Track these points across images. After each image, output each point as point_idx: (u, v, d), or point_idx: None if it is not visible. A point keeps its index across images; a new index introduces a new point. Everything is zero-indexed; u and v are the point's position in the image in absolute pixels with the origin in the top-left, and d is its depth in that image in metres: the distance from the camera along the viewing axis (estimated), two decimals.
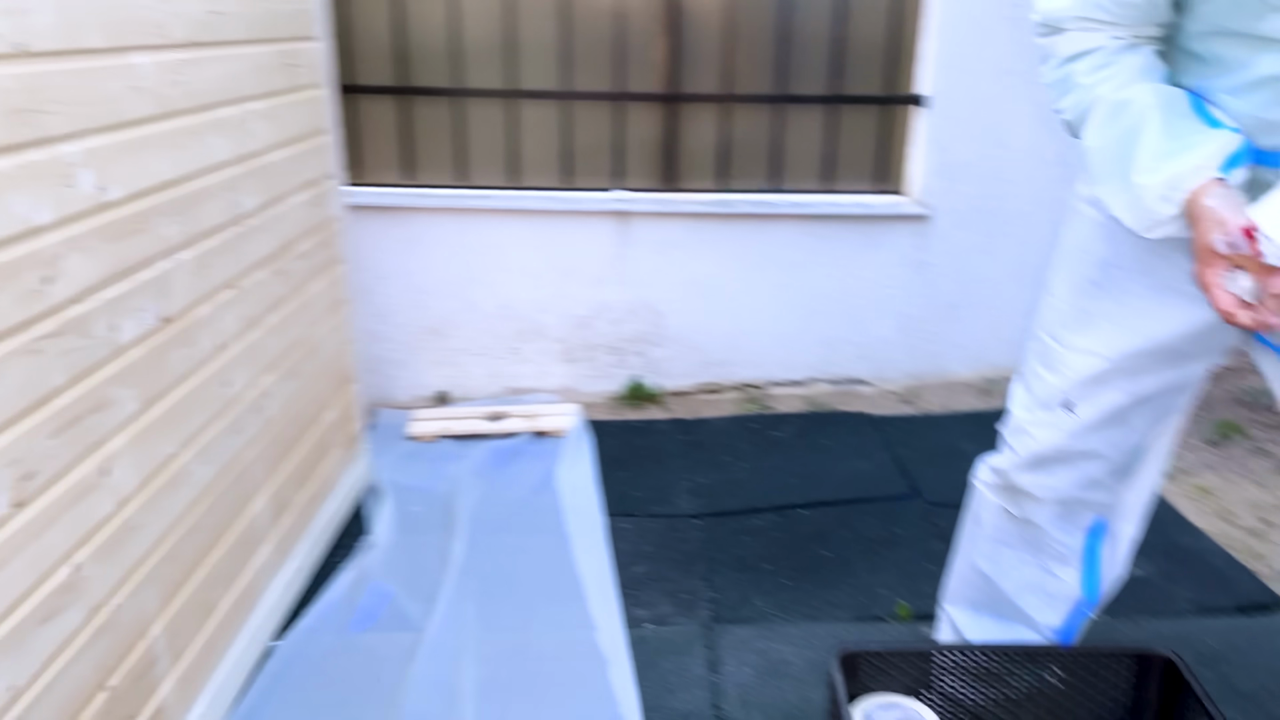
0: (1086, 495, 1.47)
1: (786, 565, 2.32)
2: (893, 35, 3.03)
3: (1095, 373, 1.37)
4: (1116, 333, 1.35)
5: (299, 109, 2.16)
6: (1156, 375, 1.36)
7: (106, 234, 1.38)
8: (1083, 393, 1.39)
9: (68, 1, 1.29)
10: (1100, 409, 1.39)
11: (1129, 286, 1.33)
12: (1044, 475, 1.47)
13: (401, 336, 3.14)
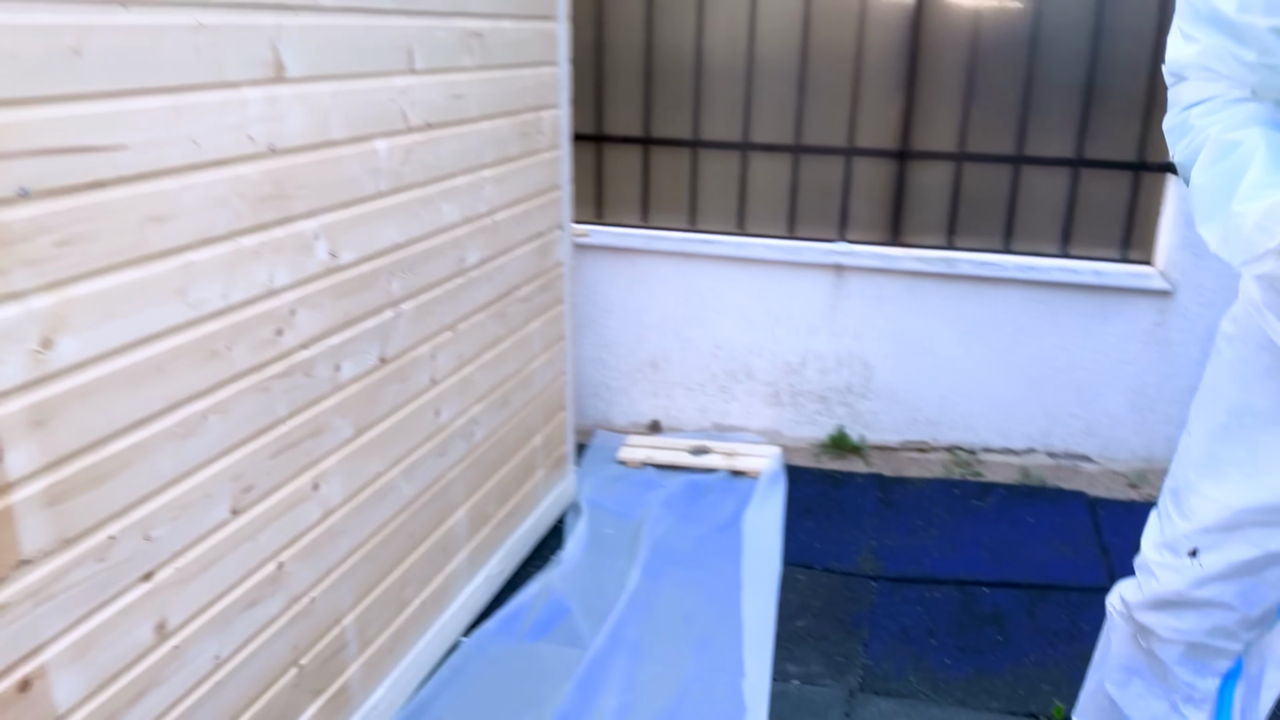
0: (1215, 642, 1.40)
1: (953, 643, 2.31)
2: (1150, 97, 2.87)
3: (1222, 522, 1.31)
4: (1246, 483, 1.29)
5: (533, 170, 2.43)
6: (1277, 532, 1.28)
7: (335, 292, 1.68)
8: (1209, 541, 1.33)
9: (317, 103, 1.59)
10: (1227, 560, 1.32)
11: (1261, 436, 1.26)
12: (1167, 616, 1.41)
13: (623, 366, 3.37)
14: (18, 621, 1.13)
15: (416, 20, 1.85)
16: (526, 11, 2.31)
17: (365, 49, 1.71)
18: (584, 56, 3.23)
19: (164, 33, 1.27)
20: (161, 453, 1.33)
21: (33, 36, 1.09)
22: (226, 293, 1.42)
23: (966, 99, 3.00)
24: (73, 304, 1.17)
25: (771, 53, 3.10)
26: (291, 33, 1.51)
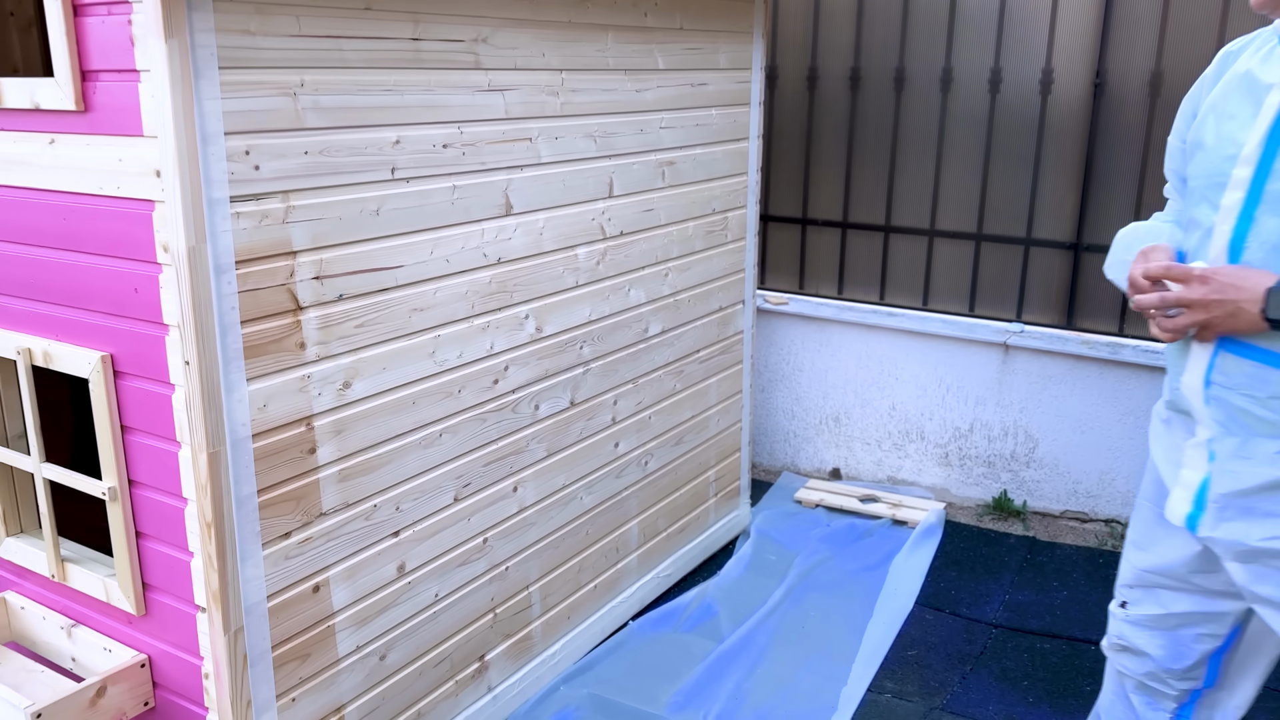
0: (1154, 685, 1.73)
1: (1043, 689, 2.63)
2: None
3: (1134, 580, 1.67)
4: (1142, 549, 1.64)
5: (718, 259, 3.04)
6: (1181, 596, 1.62)
7: (538, 355, 2.39)
8: (1132, 596, 1.69)
9: (534, 227, 2.31)
10: (1143, 614, 1.67)
11: (1145, 510, 1.62)
12: (1121, 656, 1.77)
13: (810, 418, 3.88)
14: (315, 549, 1.91)
15: (616, 160, 2.53)
16: (717, 139, 2.93)
17: (573, 185, 2.41)
18: (795, 149, 3.81)
19: (431, 194, 2.03)
20: (410, 456, 2.08)
21: (352, 205, 1.87)
22: (461, 354, 2.17)
23: (1140, 191, 3.25)
24: (363, 362, 1.94)
25: (959, 146, 3.51)
26: (518, 183, 2.24)
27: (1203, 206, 1.48)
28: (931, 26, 3.47)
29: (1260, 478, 1.42)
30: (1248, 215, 1.41)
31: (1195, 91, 1.61)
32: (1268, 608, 1.51)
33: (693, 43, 2.75)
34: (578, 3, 2.33)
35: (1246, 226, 1.41)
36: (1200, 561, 1.59)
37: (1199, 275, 1.40)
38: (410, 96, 1.96)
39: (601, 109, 2.45)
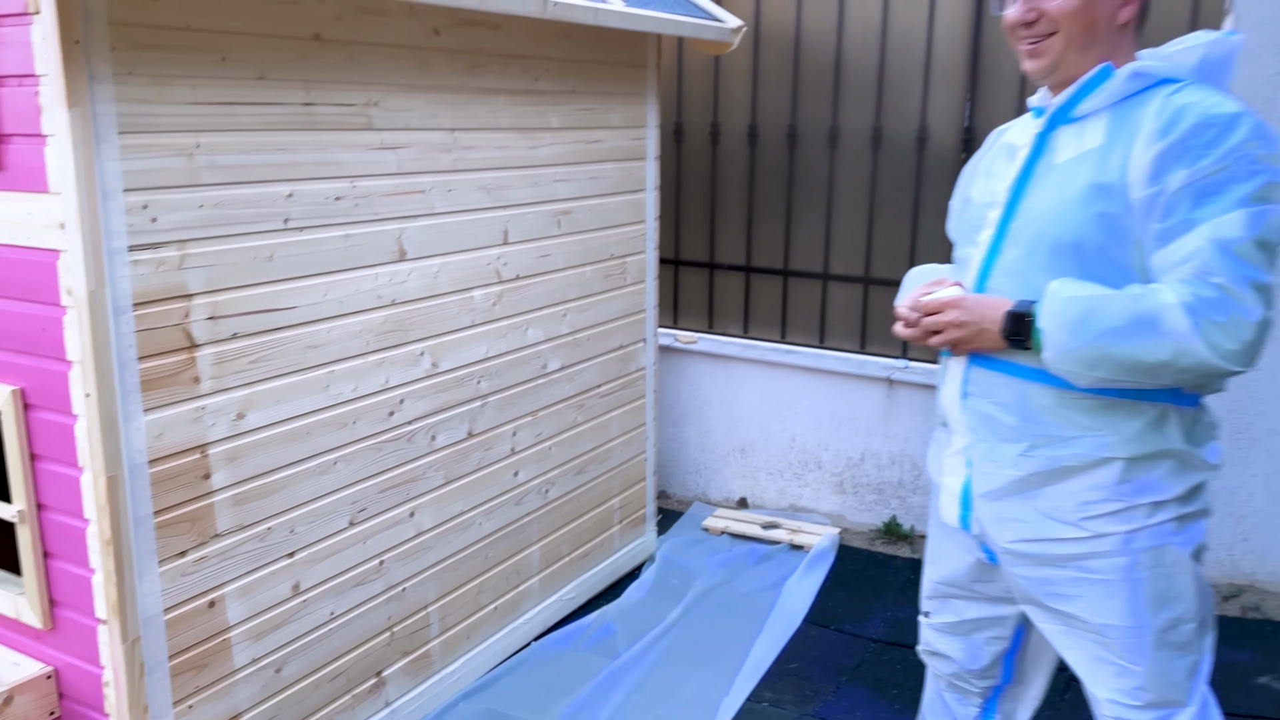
0: (960, 684, 1.95)
1: (909, 697, 2.82)
2: None
3: (931, 591, 1.89)
4: (933, 563, 1.87)
5: (617, 300, 3.27)
6: (969, 604, 1.84)
7: (434, 389, 2.58)
8: (932, 606, 1.91)
9: (428, 271, 2.52)
10: (941, 621, 1.90)
11: (933, 527, 1.85)
12: (931, 659, 1.98)
13: (719, 450, 4.10)
14: (210, 567, 2.08)
15: (510, 210, 2.76)
16: (613, 190, 3.17)
17: (468, 233, 2.63)
18: (702, 199, 4.06)
19: (324, 242, 2.24)
20: (305, 482, 2.26)
21: (245, 252, 2.07)
22: (356, 388, 2.36)
23: None
24: (257, 395, 2.13)
25: (847, 196, 3.78)
26: (412, 231, 2.46)
27: (967, 247, 1.73)
28: (818, 88, 3.75)
29: (1006, 478, 1.64)
30: (995, 248, 1.66)
31: (972, 162, 1.88)
32: (1024, 604, 1.73)
33: (586, 104, 2.99)
34: (469, 69, 2.56)
35: (994, 257, 1.66)
36: (979, 570, 1.81)
37: (950, 303, 1.63)
38: (304, 155, 2.17)
39: (495, 164, 2.68)
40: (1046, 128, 1.66)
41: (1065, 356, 1.51)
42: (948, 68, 3.53)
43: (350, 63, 2.25)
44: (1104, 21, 1.60)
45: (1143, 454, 1.57)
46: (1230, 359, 1.44)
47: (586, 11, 2.59)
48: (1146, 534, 1.59)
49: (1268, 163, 1.47)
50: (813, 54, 3.74)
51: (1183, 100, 1.52)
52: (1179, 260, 1.47)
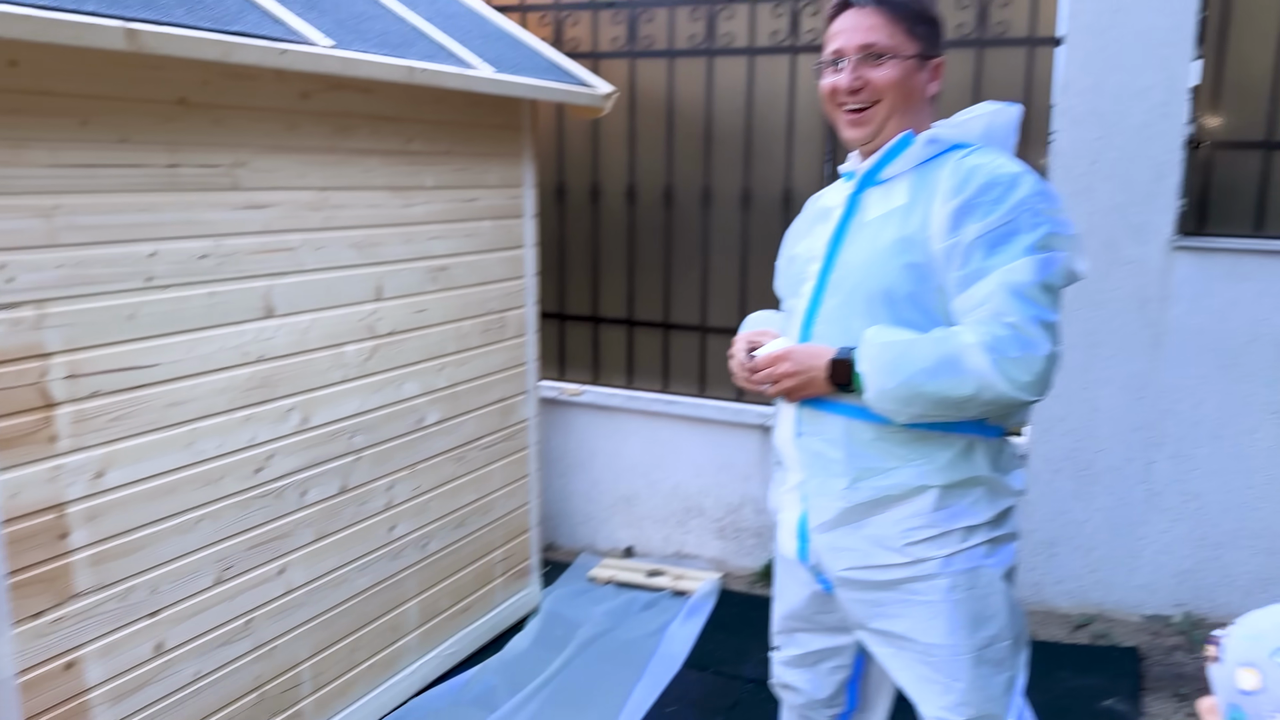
0: (811, 714, 2.04)
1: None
2: None
3: (777, 627, 2.00)
4: (779, 599, 1.98)
5: (497, 354, 3.34)
6: (812, 636, 1.95)
7: (304, 444, 2.60)
8: (779, 640, 2.02)
9: (298, 327, 2.55)
10: (789, 654, 2.00)
11: (777, 564, 1.97)
12: (782, 692, 2.08)
13: (605, 500, 4.17)
14: (67, 628, 2.05)
15: (384, 266, 2.81)
16: (491, 247, 3.26)
17: (339, 290, 2.67)
18: (584, 255, 4.18)
19: (188, 300, 2.26)
20: (168, 540, 2.25)
21: (106, 311, 2.08)
22: (221, 445, 2.37)
23: None
24: (118, 453, 2.12)
25: (720, 252, 3.94)
26: (281, 288, 2.49)
27: (792, 299, 1.87)
28: (691, 150, 3.93)
29: (836, 510, 1.77)
30: (817, 298, 1.80)
31: (794, 225, 2.03)
32: (859, 631, 1.85)
33: (461, 164, 3.09)
34: (340, 131, 2.63)
35: (816, 307, 1.80)
36: (818, 601, 1.92)
37: (780, 356, 1.76)
38: (167, 214, 2.20)
39: (367, 222, 2.74)
40: (857, 190, 1.82)
41: (883, 396, 1.65)
42: (808, 132, 3.73)
43: (216, 126, 2.30)
44: (917, 93, 1.79)
45: (955, 481, 1.72)
46: (1025, 390, 1.61)
47: (454, 78, 2.70)
48: (962, 557, 1.72)
49: (1048, 215, 1.66)
50: (685, 118, 3.92)
51: (973, 162, 1.70)
52: (976, 303, 1.64)
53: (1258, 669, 1.00)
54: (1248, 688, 1.01)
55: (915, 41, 1.77)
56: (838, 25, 1.79)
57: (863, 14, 1.76)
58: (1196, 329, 3.20)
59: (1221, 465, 3.27)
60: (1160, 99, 3.13)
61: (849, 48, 1.76)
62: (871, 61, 1.75)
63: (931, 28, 1.80)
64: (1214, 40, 3.16)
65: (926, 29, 1.79)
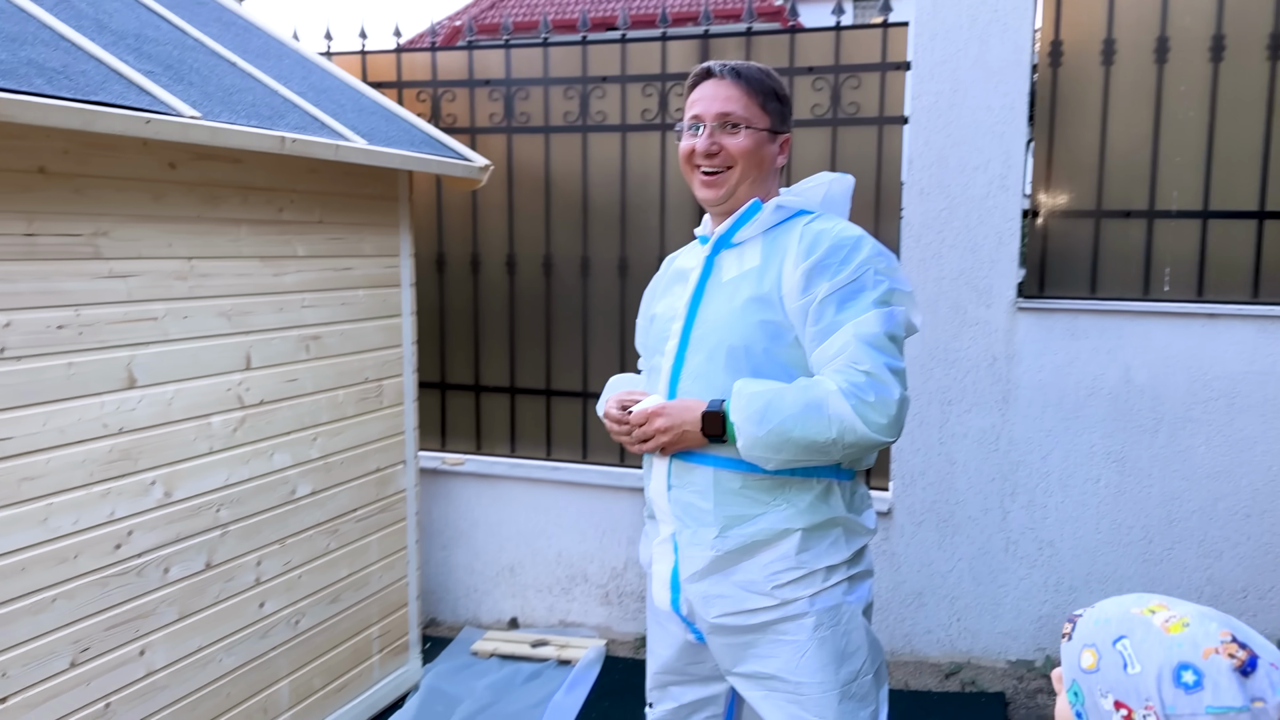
0: None
1: None
2: None
3: (651, 684, 2.04)
4: (652, 655, 2.03)
5: (374, 423, 3.31)
6: (685, 688, 1.99)
7: (167, 519, 2.53)
8: (654, 697, 2.05)
9: (161, 398, 2.50)
10: (663, 709, 2.04)
11: (649, 620, 2.02)
12: None
13: (488, 572, 4.14)
14: None
15: (253, 335, 2.79)
16: (367, 316, 3.26)
17: (206, 359, 2.63)
18: (465, 324, 4.20)
19: (44, 371, 2.20)
20: (19, 622, 2.15)
21: None
22: (78, 520, 2.28)
23: None
24: None
25: (599, 320, 4.03)
26: (143, 358, 2.45)
27: (656, 357, 1.96)
28: (569, 221, 4.03)
29: (707, 559, 1.83)
30: (680, 356, 1.89)
31: (650, 285, 2.14)
32: (731, 676, 1.90)
33: (335, 234, 3.10)
34: (208, 200, 2.62)
35: (680, 364, 1.88)
36: (691, 652, 1.97)
37: (654, 412, 1.83)
38: (23, 284, 2.15)
39: (236, 291, 2.72)
40: (712, 252, 1.93)
41: (754, 443, 1.75)
42: (679, 203, 3.89)
43: (77, 195, 2.27)
44: (767, 163, 1.94)
45: (815, 524, 1.82)
46: (882, 431, 1.73)
47: (327, 148, 2.73)
48: (825, 595, 1.82)
49: (887, 274, 1.81)
50: (562, 191, 4.03)
51: (819, 227, 1.84)
52: (833, 355, 1.77)
53: (1097, 651, 1.09)
54: (1087, 667, 1.10)
55: (767, 116, 1.92)
56: (699, 93, 1.93)
57: (722, 85, 1.90)
58: (1040, 385, 3.43)
59: (1070, 513, 3.47)
60: (998, 172, 3.39)
61: (707, 114, 1.89)
62: (728, 130, 1.88)
63: (783, 106, 1.96)
64: (1045, 118, 3.45)
65: (778, 106, 1.94)
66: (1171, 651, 1.05)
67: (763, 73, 1.93)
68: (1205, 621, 1.07)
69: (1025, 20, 3.32)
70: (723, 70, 1.91)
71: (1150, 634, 1.07)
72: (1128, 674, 1.06)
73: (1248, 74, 3.27)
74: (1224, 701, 1.01)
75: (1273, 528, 3.32)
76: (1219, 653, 1.03)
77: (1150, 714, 1.03)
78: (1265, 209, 3.28)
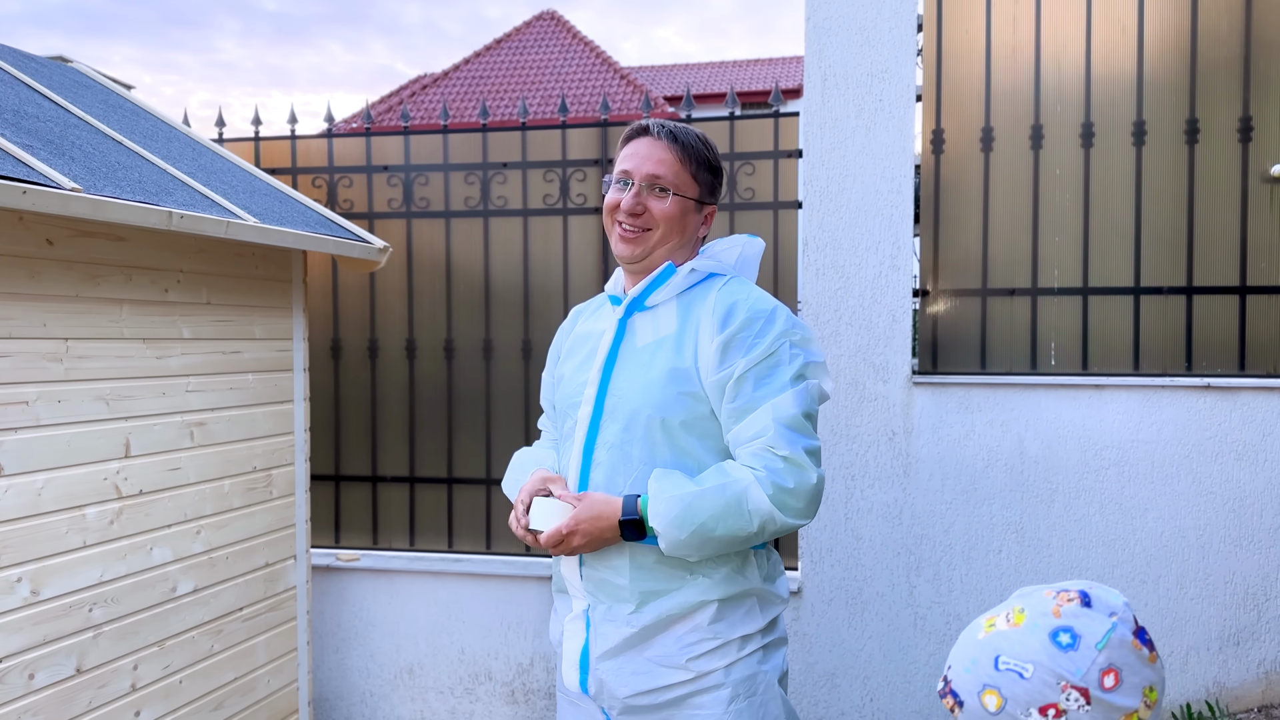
0: None
1: None
2: None
3: None
4: None
5: (262, 515, 3.15)
6: None
7: (33, 619, 2.32)
8: None
9: (31, 488, 2.32)
10: None
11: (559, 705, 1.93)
12: None
13: (385, 674, 3.92)
14: None
15: (133, 421, 2.63)
16: (256, 401, 3.13)
17: (81, 446, 2.47)
18: (362, 412, 4.07)
19: None
20: None
21: None
22: None
23: None
24: None
25: (502, 405, 3.96)
26: (11, 444, 2.27)
27: (568, 422, 1.91)
28: (471, 304, 3.99)
29: (621, 635, 1.77)
30: (595, 423, 1.85)
31: (558, 338, 2.11)
32: None
33: (222, 315, 2.98)
34: (87, 279, 2.50)
35: (595, 432, 1.83)
36: None
37: (570, 531, 1.77)
38: None
39: (115, 374, 2.58)
40: (625, 315, 1.92)
41: (676, 546, 1.73)
42: (583, 287, 3.89)
43: None
44: (689, 231, 1.93)
45: (731, 594, 1.79)
46: (801, 515, 1.73)
47: (217, 225, 2.65)
48: (740, 665, 1.77)
49: (802, 346, 1.82)
50: (464, 275, 4.00)
51: (734, 295, 1.84)
52: (751, 436, 1.76)
53: (992, 686, 1.10)
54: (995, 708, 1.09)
55: (697, 185, 1.91)
56: (632, 148, 1.91)
57: (657, 146, 1.88)
58: (939, 458, 3.49)
59: (975, 585, 3.50)
60: (889, 253, 3.50)
61: (637, 173, 1.88)
62: (655, 192, 1.87)
63: (714, 178, 1.96)
64: (930, 201, 3.60)
65: (709, 178, 1.94)
66: (1034, 634, 1.12)
67: (700, 141, 1.92)
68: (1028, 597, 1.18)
69: (908, 109, 3.49)
70: (660, 131, 1.89)
71: (1009, 638, 1.13)
72: (1027, 679, 1.10)
73: (1117, 158, 3.49)
74: (1099, 631, 1.10)
75: (1167, 593, 3.40)
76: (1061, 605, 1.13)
77: (1069, 692, 1.08)
78: (1140, 285, 3.46)
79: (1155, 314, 3.47)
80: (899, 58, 3.50)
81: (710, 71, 23.57)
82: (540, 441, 2.15)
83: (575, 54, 19.76)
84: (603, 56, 19.64)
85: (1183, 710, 3.37)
